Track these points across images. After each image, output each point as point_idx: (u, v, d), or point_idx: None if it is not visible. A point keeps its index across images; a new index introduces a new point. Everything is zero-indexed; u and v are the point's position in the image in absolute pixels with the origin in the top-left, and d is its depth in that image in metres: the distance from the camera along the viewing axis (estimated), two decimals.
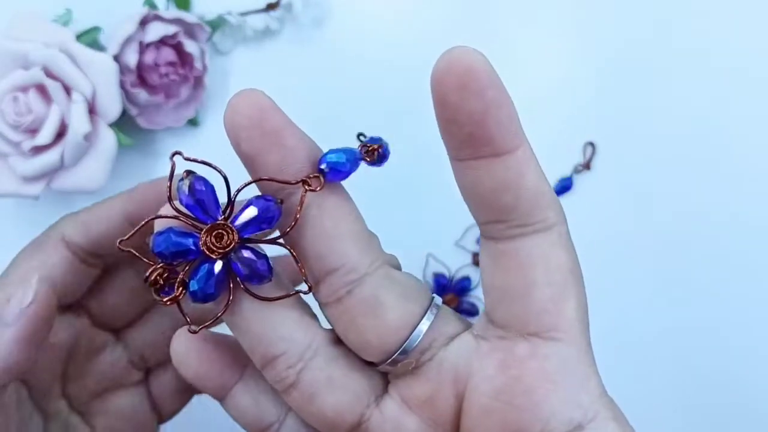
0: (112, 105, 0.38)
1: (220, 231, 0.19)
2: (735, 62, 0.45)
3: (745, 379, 0.44)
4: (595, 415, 0.19)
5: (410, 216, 0.43)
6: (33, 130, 0.37)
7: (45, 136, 0.37)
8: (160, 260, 0.18)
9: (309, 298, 0.21)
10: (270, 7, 0.43)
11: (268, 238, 0.19)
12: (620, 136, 0.44)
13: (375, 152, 0.20)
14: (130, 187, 0.43)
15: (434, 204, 0.43)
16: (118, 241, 0.19)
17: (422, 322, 0.20)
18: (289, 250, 0.19)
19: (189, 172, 0.19)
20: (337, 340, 0.21)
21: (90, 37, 0.40)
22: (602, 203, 0.43)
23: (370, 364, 0.21)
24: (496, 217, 0.19)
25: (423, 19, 0.44)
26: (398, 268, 0.22)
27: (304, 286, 0.19)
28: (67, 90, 0.37)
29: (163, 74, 0.39)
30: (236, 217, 0.19)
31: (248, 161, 0.19)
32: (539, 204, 0.19)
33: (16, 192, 0.38)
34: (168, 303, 0.18)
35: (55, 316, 0.24)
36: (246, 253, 0.19)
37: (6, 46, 0.37)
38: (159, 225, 0.19)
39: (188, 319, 0.19)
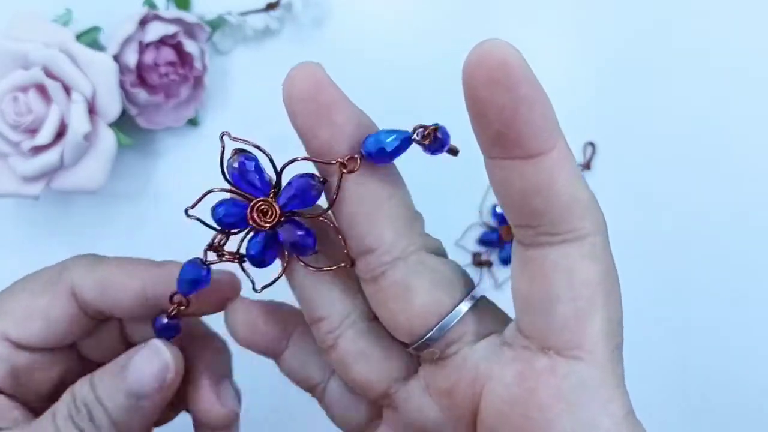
0: (111, 105, 0.38)
1: (265, 206, 0.20)
2: (735, 62, 0.45)
3: (744, 379, 0.44)
4: None
5: None
6: (33, 130, 0.37)
7: (45, 136, 0.37)
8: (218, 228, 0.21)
9: None
10: (270, 6, 0.43)
11: (311, 213, 0.20)
12: (620, 136, 0.44)
13: (431, 135, 0.20)
14: (129, 187, 0.43)
15: (434, 204, 0.43)
16: (186, 209, 0.21)
17: (452, 313, 0.20)
18: (333, 225, 0.20)
19: (237, 150, 0.21)
20: (375, 316, 0.21)
21: (90, 37, 0.40)
22: (602, 203, 0.43)
23: (404, 344, 0.21)
24: (526, 222, 0.18)
25: (423, 19, 0.44)
26: (441, 253, 0.21)
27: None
28: (67, 90, 0.37)
29: (162, 74, 0.39)
30: (282, 193, 0.20)
31: (301, 135, 0.20)
32: (572, 212, 0.18)
33: (16, 192, 0.38)
34: (233, 260, 0.21)
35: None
36: (291, 227, 0.20)
37: (6, 46, 0.37)
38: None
39: (252, 280, 0.22)
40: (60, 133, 0.37)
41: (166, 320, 0.23)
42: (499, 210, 0.43)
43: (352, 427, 0.24)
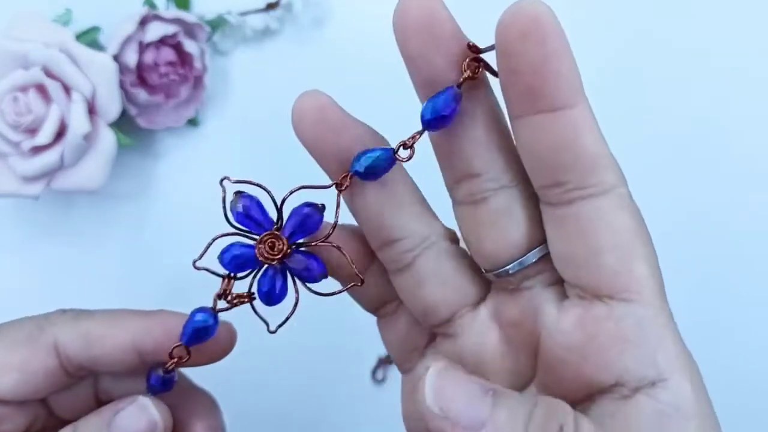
0: (111, 105, 0.38)
1: (271, 240, 0.21)
2: (735, 62, 0.45)
3: (744, 378, 0.44)
4: (670, 375, 0.19)
5: None
6: (33, 130, 0.37)
7: (45, 136, 0.37)
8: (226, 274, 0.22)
9: None
10: (270, 6, 0.43)
11: (316, 240, 0.21)
12: (620, 136, 0.44)
13: (412, 146, 0.21)
14: (129, 187, 0.43)
15: (434, 204, 0.43)
16: (193, 261, 0.21)
17: (534, 251, 0.21)
18: (337, 248, 0.21)
19: (238, 193, 0.21)
20: (454, 239, 0.22)
21: (90, 37, 0.40)
22: None
23: (478, 270, 0.22)
24: (554, 179, 0.19)
25: None
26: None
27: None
28: (67, 90, 0.37)
29: (162, 74, 0.39)
30: (286, 226, 0.21)
31: (412, 63, 0.21)
32: (597, 165, 0.18)
33: (16, 192, 0.38)
34: (244, 301, 0.22)
35: None
36: (299, 257, 0.21)
37: (6, 46, 0.37)
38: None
39: (266, 321, 0.22)
40: (60, 133, 0.37)
41: (162, 374, 0.22)
42: None
43: (403, 354, 0.25)
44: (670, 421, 0.18)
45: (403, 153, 0.21)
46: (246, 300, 0.22)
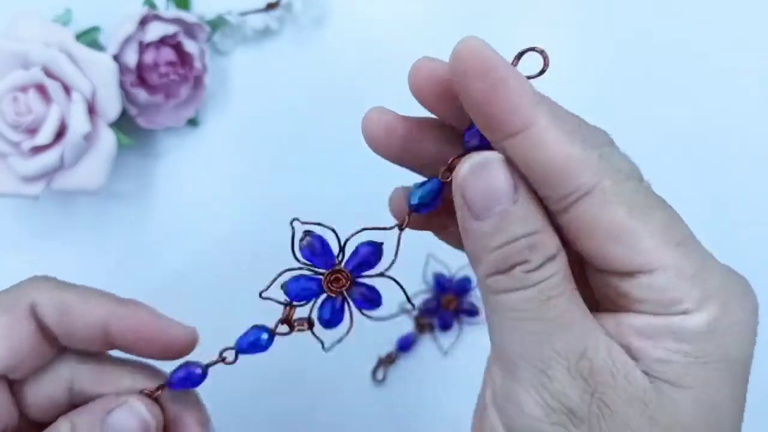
0: (111, 105, 0.38)
1: (336, 275, 0.24)
2: (735, 63, 0.45)
3: None
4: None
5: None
6: (33, 130, 0.37)
7: (45, 136, 0.37)
8: (288, 302, 0.24)
9: None
10: (270, 6, 0.43)
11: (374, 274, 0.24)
12: (620, 136, 0.44)
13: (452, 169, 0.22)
14: (129, 187, 0.43)
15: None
16: (260, 292, 0.23)
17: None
18: (394, 280, 0.24)
19: (307, 233, 0.23)
20: None
21: (90, 37, 0.40)
22: None
23: None
24: (542, 192, 0.19)
25: (422, 18, 0.44)
26: None
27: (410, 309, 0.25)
28: (67, 90, 0.37)
29: (162, 74, 0.39)
30: (349, 261, 0.24)
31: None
32: (568, 173, 0.19)
33: (16, 192, 0.38)
34: (305, 328, 0.25)
35: None
36: (361, 289, 0.24)
37: (6, 46, 0.37)
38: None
39: (322, 341, 0.25)
40: (60, 133, 0.37)
41: (200, 370, 0.24)
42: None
43: None
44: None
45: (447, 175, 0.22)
46: (306, 327, 0.25)
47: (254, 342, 0.25)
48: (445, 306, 0.42)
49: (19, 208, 0.43)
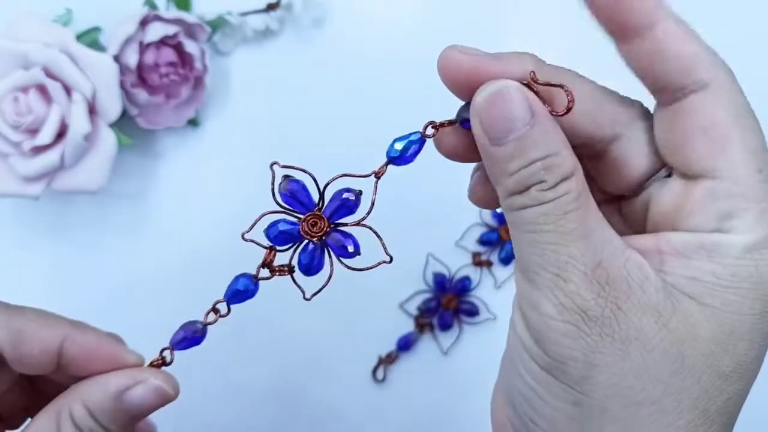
0: (112, 105, 0.38)
1: (314, 219, 0.24)
2: (735, 62, 0.45)
3: None
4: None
5: (410, 216, 0.43)
6: (33, 130, 0.37)
7: (45, 136, 0.37)
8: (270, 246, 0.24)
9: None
10: (270, 7, 0.43)
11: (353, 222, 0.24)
12: None
13: (441, 126, 0.24)
14: (129, 187, 0.43)
15: (434, 204, 0.43)
16: (242, 234, 0.23)
17: None
18: (370, 228, 0.24)
19: (285, 177, 0.24)
20: None
21: (90, 37, 0.40)
22: None
23: None
24: (657, 87, 0.21)
25: (422, 18, 0.45)
26: None
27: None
28: (68, 90, 0.37)
29: (163, 74, 0.39)
30: (327, 207, 0.24)
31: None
32: (691, 67, 0.20)
33: (16, 192, 0.38)
34: (285, 273, 0.24)
35: None
36: (337, 236, 0.24)
37: (6, 46, 0.37)
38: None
39: (302, 289, 0.25)
40: (60, 134, 0.37)
41: (201, 325, 0.25)
42: (499, 210, 0.43)
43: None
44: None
45: (430, 131, 0.24)
46: (286, 271, 0.25)
47: (240, 290, 0.25)
48: (445, 306, 0.42)
49: (20, 208, 0.43)
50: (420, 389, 0.42)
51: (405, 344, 0.42)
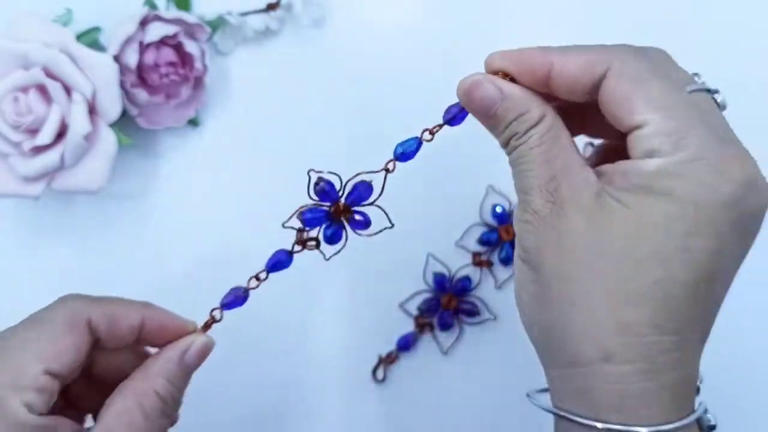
0: (112, 105, 0.38)
1: (338, 206, 0.32)
2: (735, 61, 0.45)
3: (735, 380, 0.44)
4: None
5: (411, 216, 0.43)
6: (33, 130, 0.37)
7: (45, 136, 0.37)
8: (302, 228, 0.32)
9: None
10: (270, 7, 0.43)
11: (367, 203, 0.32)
12: None
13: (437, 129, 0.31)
14: (129, 187, 0.43)
15: (434, 204, 0.43)
16: (283, 223, 0.30)
17: None
18: (379, 207, 0.31)
19: (319, 179, 0.32)
20: None
21: (90, 38, 0.40)
22: None
23: None
24: (582, 94, 0.28)
25: (422, 19, 0.45)
26: None
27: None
28: (68, 90, 0.37)
29: (163, 74, 0.39)
30: (348, 196, 0.32)
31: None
32: (590, 68, 0.27)
33: (16, 192, 0.38)
34: (313, 246, 0.32)
35: None
36: (357, 216, 0.32)
37: (6, 46, 0.37)
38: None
39: (324, 253, 0.32)
40: (60, 134, 0.37)
41: (243, 290, 0.32)
42: (499, 210, 0.43)
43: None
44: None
45: (427, 136, 0.31)
46: (314, 245, 0.32)
47: (278, 261, 0.32)
48: (445, 306, 0.42)
49: (20, 208, 0.43)
50: (420, 389, 0.42)
51: (405, 344, 0.42)
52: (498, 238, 0.43)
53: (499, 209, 0.43)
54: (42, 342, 0.28)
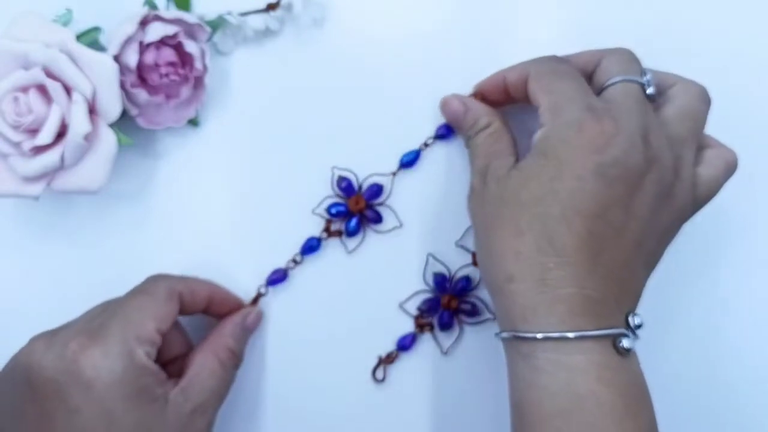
0: (112, 105, 0.38)
1: (357, 200, 0.42)
2: (735, 61, 0.45)
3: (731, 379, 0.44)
4: None
5: (411, 216, 0.43)
6: (33, 131, 0.37)
7: (45, 136, 0.37)
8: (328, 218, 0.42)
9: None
10: (270, 7, 0.43)
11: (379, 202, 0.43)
12: None
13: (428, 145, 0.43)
14: (129, 187, 0.43)
15: (434, 204, 0.43)
16: (312, 209, 0.42)
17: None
18: (389, 207, 0.43)
19: (341, 177, 0.42)
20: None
21: (90, 37, 0.40)
22: None
23: None
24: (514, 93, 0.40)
25: (422, 18, 0.45)
26: None
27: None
28: (68, 90, 0.37)
29: (163, 74, 0.39)
30: (365, 193, 0.42)
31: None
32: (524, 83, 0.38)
33: (16, 192, 0.38)
34: (337, 235, 0.42)
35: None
36: (371, 212, 0.42)
37: (6, 46, 0.37)
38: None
39: (346, 245, 0.43)
40: (60, 134, 0.37)
41: (283, 271, 0.42)
42: None
43: None
44: None
45: (423, 147, 0.43)
46: (337, 233, 0.42)
47: (310, 246, 0.42)
48: (445, 306, 0.42)
49: (20, 208, 0.43)
50: (420, 389, 0.42)
51: (405, 344, 0.42)
52: None
53: None
54: (153, 308, 0.35)
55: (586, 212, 0.31)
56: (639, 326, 0.32)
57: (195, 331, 0.41)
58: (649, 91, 0.35)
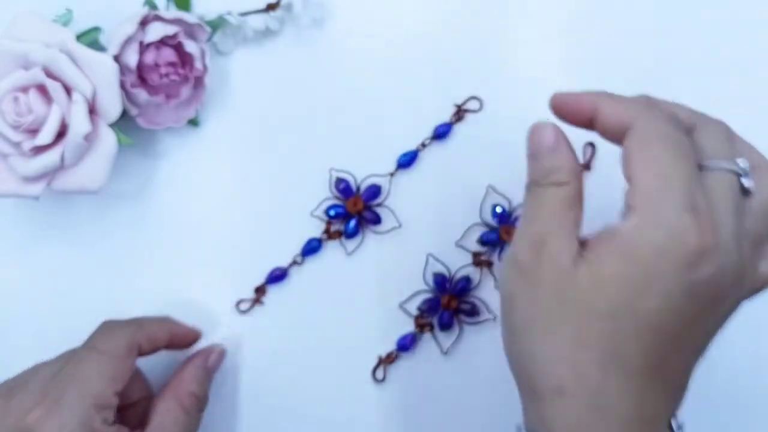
0: (112, 105, 0.38)
1: (355, 201, 0.42)
2: (735, 60, 0.45)
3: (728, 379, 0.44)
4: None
5: (411, 216, 0.43)
6: (33, 130, 0.37)
7: (45, 136, 0.37)
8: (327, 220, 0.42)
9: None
10: (270, 7, 0.43)
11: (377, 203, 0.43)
12: None
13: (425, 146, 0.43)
14: (129, 187, 0.43)
15: (434, 204, 0.43)
16: (311, 211, 0.42)
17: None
18: (387, 207, 0.42)
19: (339, 179, 0.42)
20: None
21: (90, 37, 0.40)
22: (601, 203, 0.43)
23: None
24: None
25: (423, 19, 0.45)
26: None
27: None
28: (68, 90, 0.37)
29: (163, 74, 0.39)
30: (363, 195, 0.42)
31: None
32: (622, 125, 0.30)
33: (16, 192, 0.38)
34: (336, 236, 0.42)
35: None
36: (369, 213, 0.42)
37: (6, 46, 0.37)
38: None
39: (345, 246, 0.42)
40: (60, 134, 0.37)
41: (281, 270, 0.42)
42: (498, 210, 0.43)
43: None
44: None
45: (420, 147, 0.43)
46: (337, 235, 0.42)
47: (311, 247, 0.42)
48: (445, 306, 0.42)
49: (20, 208, 0.43)
50: (420, 389, 0.42)
51: (405, 344, 0.42)
52: (498, 238, 0.43)
53: (499, 209, 0.43)
54: (111, 370, 0.34)
55: (663, 331, 0.27)
56: (681, 428, 0.30)
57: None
58: (747, 184, 0.30)
